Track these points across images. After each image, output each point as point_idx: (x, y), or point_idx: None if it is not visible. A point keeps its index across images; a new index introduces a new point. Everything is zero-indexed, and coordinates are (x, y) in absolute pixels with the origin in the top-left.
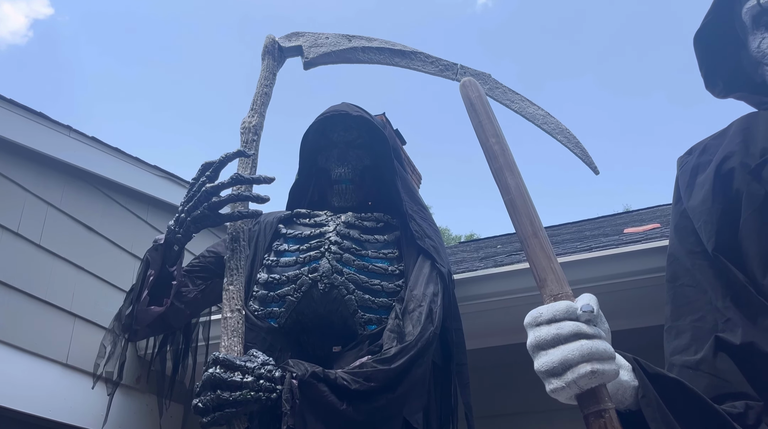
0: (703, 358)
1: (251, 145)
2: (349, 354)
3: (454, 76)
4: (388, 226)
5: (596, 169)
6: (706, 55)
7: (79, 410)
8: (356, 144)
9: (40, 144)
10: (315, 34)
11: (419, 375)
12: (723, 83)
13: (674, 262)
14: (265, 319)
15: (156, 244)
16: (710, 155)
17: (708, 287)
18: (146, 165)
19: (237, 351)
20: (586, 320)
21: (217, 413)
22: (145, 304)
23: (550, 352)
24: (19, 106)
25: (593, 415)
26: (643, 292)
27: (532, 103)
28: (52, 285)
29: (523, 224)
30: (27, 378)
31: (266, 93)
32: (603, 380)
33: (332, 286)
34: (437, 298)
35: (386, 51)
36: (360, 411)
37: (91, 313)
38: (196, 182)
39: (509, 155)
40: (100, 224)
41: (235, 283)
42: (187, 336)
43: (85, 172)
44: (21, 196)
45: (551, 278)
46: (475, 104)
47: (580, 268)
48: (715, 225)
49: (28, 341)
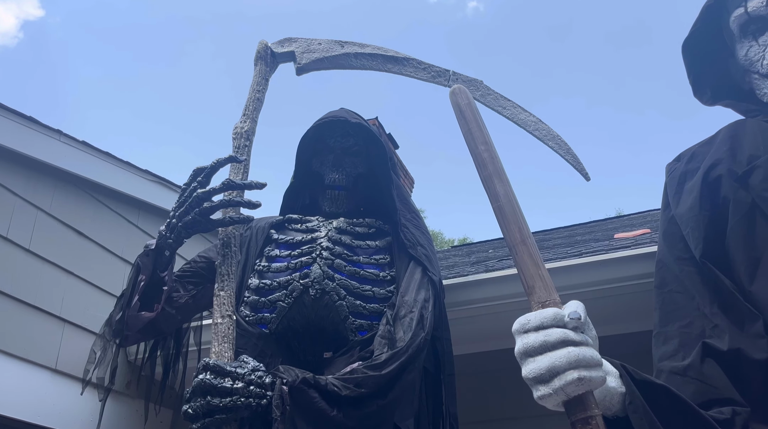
0: (691, 364)
1: (243, 150)
2: (340, 360)
3: (446, 82)
4: (380, 232)
5: (587, 175)
6: (695, 63)
7: (69, 416)
8: (352, 151)
9: (30, 148)
10: (308, 39)
11: (410, 381)
12: (711, 91)
13: (663, 269)
14: (256, 325)
15: (147, 249)
16: (698, 162)
17: (696, 294)
18: (137, 169)
19: (228, 357)
20: (573, 327)
21: (207, 419)
22: (135, 309)
23: (538, 359)
24: (9, 110)
25: (580, 422)
26: (633, 298)
27: (524, 110)
28: (42, 290)
29: (511, 231)
30: (16, 383)
31: (258, 99)
32: (590, 387)
33: (323, 291)
34: (428, 304)
35: (379, 57)
36: (351, 417)
37: (81, 319)
38: (187, 187)
39: (498, 162)
40: (91, 229)
41: (226, 289)
42: (178, 341)
43: (76, 176)
44: (10, 201)
45: (539, 285)
46: (465, 112)
47: (570, 274)
48: (702, 232)
49: (17, 346)
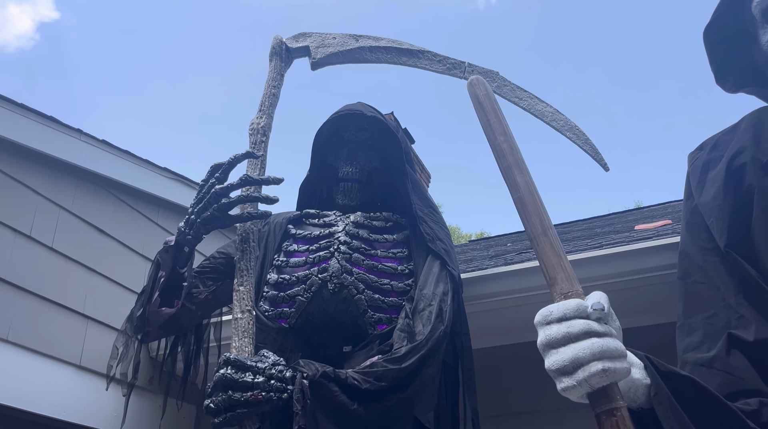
0: (716, 355)
1: (260, 146)
2: (360, 354)
3: (461, 74)
4: (397, 226)
5: (606, 165)
6: (716, 50)
7: (93, 411)
8: (367, 145)
9: (52, 148)
10: (322, 34)
11: (430, 374)
12: (733, 78)
13: (686, 259)
14: (276, 320)
15: (166, 245)
16: (721, 151)
17: (720, 284)
18: (156, 167)
19: (248, 352)
20: (596, 318)
21: (228, 414)
22: (156, 305)
23: (561, 350)
24: (31, 111)
25: (605, 414)
26: (655, 290)
27: (541, 101)
28: (65, 287)
29: (532, 222)
30: (41, 380)
31: (274, 94)
32: (614, 378)
33: (342, 285)
34: (447, 297)
35: (393, 50)
36: (371, 411)
37: (103, 315)
38: (205, 184)
39: (518, 153)
40: (111, 226)
41: (246, 284)
42: (198, 337)
43: (96, 175)
44: (33, 200)
45: (561, 276)
46: (483, 102)
47: (591, 266)
48: (726, 221)
49: (42, 343)
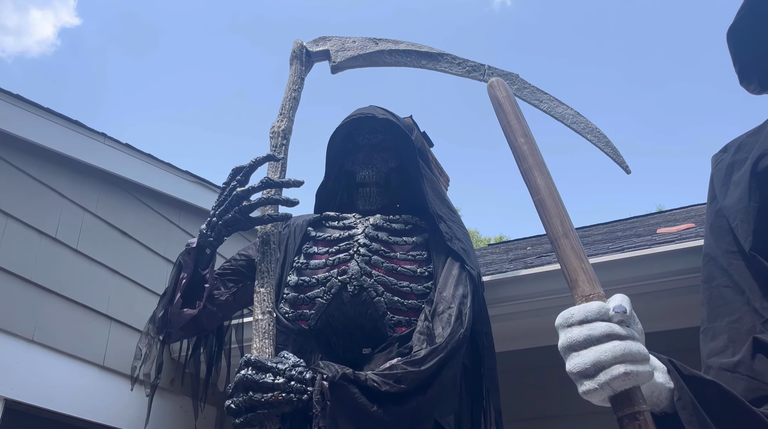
0: (741, 360)
1: (280, 149)
2: (379, 356)
3: (481, 76)
4: (417, 228)
5: (627, 168)
6: (740, 51)
7: (116, 411)
8: (382, 147)
9: (77, 151)
10: (342, 38)
11: (449, 377)
12: (758, 79)
13: (710, 263)
14: (296, 322)
15: (188, 247)
16: (746, 153)
17: (745, 288)
18: (178, 170)
19: (268, 353)
20: (618, 321)
21: (249, 414)
22: (178, 306)
23: (582, 353)
24: (56, 114)
25: (627, 418)
26: (678, 293)
27: (561, 103)
28: (89, 289)
29: (553, 224)
30: (66, 380)
31: (295, 98)
32: (637, 382)
33: (361, 288)
34: (466, 299)
35: (413, 53)
36: (390, 413)
37: (126, 316)
38: (227, 186)
39: (538, 155)
40: (134, 229)
41: (266, 286)
42: (219, 338)
43: (120, 178)
44: (59, 203)
45: (583, 279)
46: (503, 104)
47: (613, 269)
48: (752, 224)
49: (67, 344)
